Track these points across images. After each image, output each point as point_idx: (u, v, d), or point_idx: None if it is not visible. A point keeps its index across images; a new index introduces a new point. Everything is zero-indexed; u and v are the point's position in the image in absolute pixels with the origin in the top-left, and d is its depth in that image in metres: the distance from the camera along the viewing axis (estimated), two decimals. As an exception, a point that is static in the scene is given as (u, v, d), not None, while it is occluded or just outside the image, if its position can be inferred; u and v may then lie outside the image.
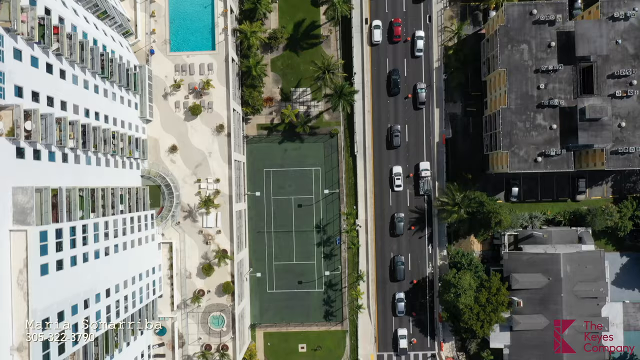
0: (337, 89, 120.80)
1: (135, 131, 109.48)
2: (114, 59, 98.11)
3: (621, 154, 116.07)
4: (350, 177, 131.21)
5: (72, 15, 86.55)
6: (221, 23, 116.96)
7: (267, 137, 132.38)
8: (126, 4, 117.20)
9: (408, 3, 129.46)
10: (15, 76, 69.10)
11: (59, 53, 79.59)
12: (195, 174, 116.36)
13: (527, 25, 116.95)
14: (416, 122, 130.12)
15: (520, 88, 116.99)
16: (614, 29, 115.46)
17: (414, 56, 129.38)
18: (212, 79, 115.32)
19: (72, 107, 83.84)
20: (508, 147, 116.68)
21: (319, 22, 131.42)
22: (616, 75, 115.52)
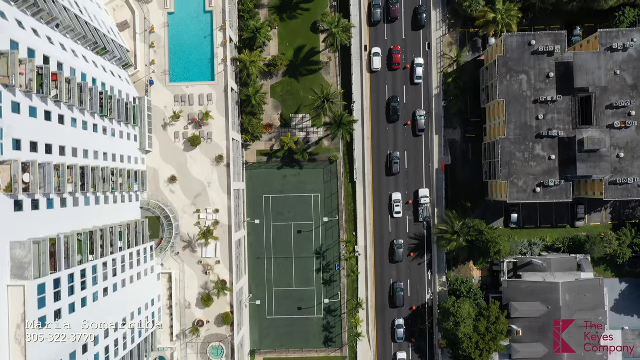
0: (336, 118, 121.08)
1: (135, 163, 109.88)
2: (113, 95, 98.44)
3: (620, 184, 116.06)
4: (349, 203, 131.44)
5: (71, 58, 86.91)
6: (220, 54, 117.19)
7: (266, 163, 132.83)
8: (126, 34, 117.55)
9: (407, 30, 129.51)
10: (14, 130, 69.48)
11: (58, 100, 79.79)
12: (195, 204, 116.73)
13: (526, 55, 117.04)
14: (415, 149, 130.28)
15: (519, 118, 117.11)
16: (613, 59, 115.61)
17: (413, 83, 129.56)
18: (211, 110, 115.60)
19: (70, 151, 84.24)
20: (507, 178, 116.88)
21: (319, 49, 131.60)
22: (615, 106, 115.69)
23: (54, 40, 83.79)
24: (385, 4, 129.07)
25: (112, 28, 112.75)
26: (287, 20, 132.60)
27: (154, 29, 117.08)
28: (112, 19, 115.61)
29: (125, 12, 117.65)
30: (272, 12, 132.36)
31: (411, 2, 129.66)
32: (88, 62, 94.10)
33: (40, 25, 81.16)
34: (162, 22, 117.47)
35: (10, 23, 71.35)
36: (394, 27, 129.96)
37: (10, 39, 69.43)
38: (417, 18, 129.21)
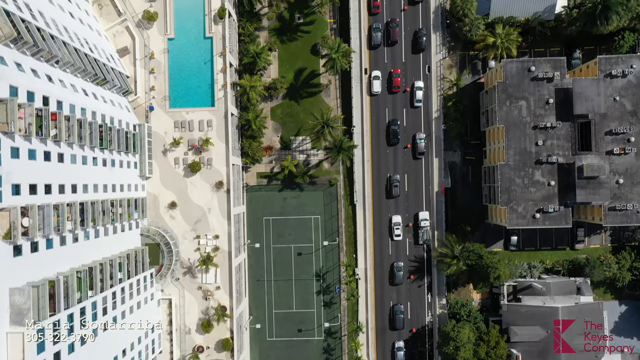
0: (336, 143, 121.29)
1: (135, 190, 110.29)
2: (112, 127, 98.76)
3: (619, 210, 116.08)
4: (349, 225, 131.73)
5: (70, 94, 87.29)
6: (220, 80, 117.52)
7: (266, 185, 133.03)
8: (126, 60, 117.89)
9: (407, 53, 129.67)
10: (13, 176, 69.84)
11: (57, 140, 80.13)
12: (195, 230, 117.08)
13: (525, 81, 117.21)
14: (415, 172, 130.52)
15: (518, 144, 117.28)
16: (612, 85, 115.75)
17: (413, 106, 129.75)
18: (211, 137, 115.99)
19: (70, 188, 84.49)
20: (506, 203, 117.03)
21: (319, 71, 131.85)
22: (614, 132, 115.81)
23: (54, 77, 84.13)
24: (385, 27, 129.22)
25: (112, 55, 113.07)
26: (287, 43, 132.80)
27: (154, 55, 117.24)
28: (112, 45, 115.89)
29: (126, 38, 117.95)
30: (272, 35, 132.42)
31: (411, 26, 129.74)
32: (88, 95, 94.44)
33: (40, 64, 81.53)
34: (162, 48, 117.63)
35: (10, 68, 71.68)
36: (394, 50, 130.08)
37: (10, 85, 69.66)
38: (417, 41, 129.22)
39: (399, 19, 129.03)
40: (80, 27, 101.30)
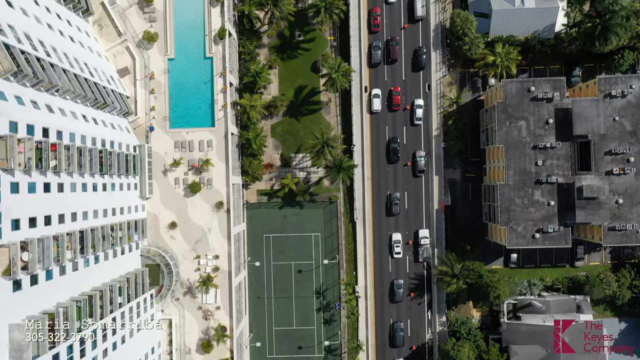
0: (336, 162, 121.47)
1: (135, 212, 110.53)
2: (112, 151, 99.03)
3: (619, 230, 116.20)
4: (349, 243, 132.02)
5: (70, 122, 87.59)
6: (221, 100, 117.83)
7: (267, 202, 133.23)
8: (126, 80, 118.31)
9: (407, 72, 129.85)
10: (13, 212, 70.11)
11: (57, 171, 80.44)
12: (195, 249, 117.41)
13: (525, 101, 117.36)
14: (415, 190, 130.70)
15: (518, 164, 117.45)
16: (611, 106, 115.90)
17: (413, 124, 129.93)
18: (211, 158, 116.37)
19: (70, 217, 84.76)
20: (506, 223, 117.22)
21: (319, 88, 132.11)
22: (613, 152, 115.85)
23: (54, 106, 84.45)
24: (386, 45, 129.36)
25: (113, 76, 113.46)
26: (288, 60, 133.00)
27: (154, 75, 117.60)
28: (112, 66, 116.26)
29: (126, 58, 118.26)
30: (273, 52, 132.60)
31: (411, 44, 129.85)
32: (88, 121, 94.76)
33: (40, 94, 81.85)
34: (163, 68, 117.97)
35: (10, 102, 72.00)
36: (394, 68, 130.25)
37: (9, 121, 69.90)
38: (417, 59, 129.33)
39: (399, 37, 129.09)
40: (80, 50, 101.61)
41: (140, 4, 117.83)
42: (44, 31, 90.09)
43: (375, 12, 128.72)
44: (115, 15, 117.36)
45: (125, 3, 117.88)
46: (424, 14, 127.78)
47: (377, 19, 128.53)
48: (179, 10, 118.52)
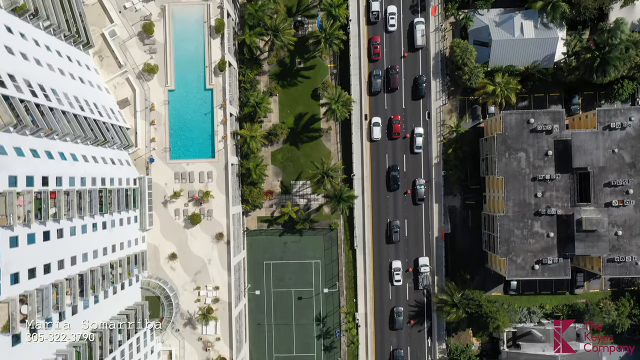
0: (336, 192, 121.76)
1: (135, 244, 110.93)
2: (112, 189, 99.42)
3: (618, 262, 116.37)
4: (350, 270, 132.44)
5: (69, 165, 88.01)
6: (221, 131, 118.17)
7: (267, 229, 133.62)
8: (126, 111, 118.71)
9: (407, 100, 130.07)
10: (12, 266, 70.52)
11: (57, 219, 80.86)
12: (195, 281, 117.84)
13: (524, 133, 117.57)
14: (415, 217, 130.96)
15: (517, 196, 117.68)
16: (611, 138, 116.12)
17: (413, 152, 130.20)
18: (211, 189, 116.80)
19: (69, 261, 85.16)
20: (506, 255, 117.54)
21: (319, 116, 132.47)
22: (613, 184, 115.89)
23: (53, 151, 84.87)
24: (386, 74, 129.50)
25: (113, 108, 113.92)
26: (288, 87, 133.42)
27: (155, 107, 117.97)
28: (112, 98, 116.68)
29: (126, 89, 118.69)
30: (273, 79, 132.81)
31: (411, 72, 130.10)
32: (87, 160, 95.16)
33: (39, 141, 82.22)
34: (163, 99, 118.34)
35: (9, 156, 72.39)
36: (394, 96, 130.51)
37: (9, 175, 70.30)
38: (417, 88, 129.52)
39: (399, 65, 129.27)
40: (80, 87, 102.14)
41: (140, 36, 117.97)
42: (44, 73, 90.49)
43: (375, 40, 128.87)
44: (115, 46, 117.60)
45: (125, 35, 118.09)
46: (423, 43, 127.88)
47: (377, 47, 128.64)
48: (179, 42, 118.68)
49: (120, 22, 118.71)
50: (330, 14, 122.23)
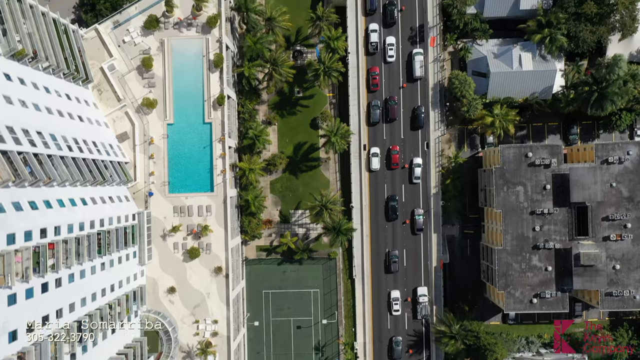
0: (335, 225, 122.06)
1: (134, 279, 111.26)
2: (111, 229, 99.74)
3: (616, 296, 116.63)
4: (348, 299, 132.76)
5: (68, 212, 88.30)
6: (220, 165, 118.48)
7: (266, 258, 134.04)
8: (125, 145, 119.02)
9: (406, 130, 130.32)
10: (10, 324, 70.83)
11: (55, 270, 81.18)
12: (194, 314, 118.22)
13: (522, 167, 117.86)
14: (414, 247, 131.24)
15: (516, 229, 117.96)
16: (608, 172, 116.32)
17: (411, 182, 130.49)
18: (210, 224, 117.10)
19: (68, 308, 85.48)
20: (504, 288, 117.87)
21: (318, 145, 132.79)
22: (611, 218, 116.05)
23: (52, 200, 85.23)
24: (384, 104, 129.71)
25: (112, 143, 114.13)
26: (287, 117, 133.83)
27: (154, 141, 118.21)
28: (111, 132, 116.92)
29: (125, 123, 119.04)
30: (272, 109, 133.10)
31: (409, 103, 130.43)
32: (86, 203, 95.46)
33: (37, 192, 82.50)
34: (162, 133, 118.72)
35: (8, 213, 72.68)
36: (393, 126, 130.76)
37: (7, 234, 70.64)
38: (415, 118, 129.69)
39: (397, 96, 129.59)
40: (79, 125, 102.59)
41: (139, 70, 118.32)
42: (43, 118, 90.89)
43: (374, 71, 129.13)
44: (114, 80, 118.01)
45: (124, 68, 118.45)
46: (422, 74, 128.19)
47: (375, 78, 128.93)
48: (178, 76, 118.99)
49: (120, 56, 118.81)
50: (329, 46, 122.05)
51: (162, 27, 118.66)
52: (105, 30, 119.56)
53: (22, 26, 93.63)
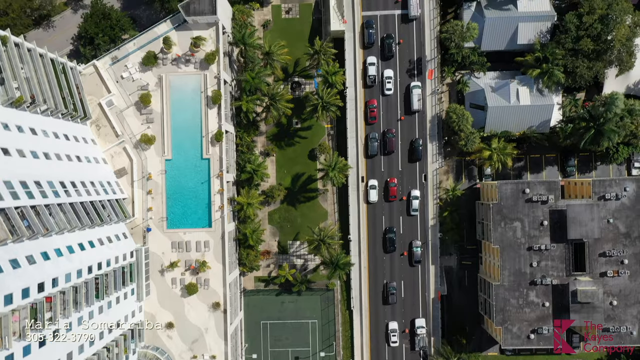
0: (333, 259, 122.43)
1: (132, 317, 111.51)
2: (109, 272, 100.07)
3: (613, 331, 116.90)
4: (346, 330, 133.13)
5: (66, 261, 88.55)
6: (218, 201, 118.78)
7: (264, 289, 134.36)
8: (123, 180, 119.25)
9: (404, 162, 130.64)
10: (7, 383, 71.26)
11: (53, 322, 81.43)
12: (192, 349, 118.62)
13: (520, 203, 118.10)
14: (412, 279, 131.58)
15: (513, 265, 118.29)
16: (606, 208, 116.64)
17: (409, 214, 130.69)
18: (208, 260, 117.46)
19: (66, 357, 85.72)
20: (501, 324, 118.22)
21: (316, 176, 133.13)
22: (608, 254, 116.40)
23: (49, 250, 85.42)
24: (382, 137, 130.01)
25: (110, 180, 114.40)
26: (285, 148, 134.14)
27: (152, 176, 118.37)
28: (110, 167, 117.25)
29: (123, 158, 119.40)
30: (270, 140, 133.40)
31: (407, 135, 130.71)
32: (84, 248, 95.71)
33: (35, 244, 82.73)
34: (160, 169, 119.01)
35: (5, 272, 72.92)
36: (391, 159, 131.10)
37: (4, 295, 70.92)
38: (413, 150, 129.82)
39: (395, 129, 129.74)
40: (77, 167, 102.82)
41: (137, 105, 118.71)
42: (40, 165, 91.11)
43: (371, 104, 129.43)
44: (112, 116, 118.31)
45: (122, 104, 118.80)
46: (420, 107, 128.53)
47: (373, 111, 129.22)
48: (176, 111, 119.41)
49: (118, 91, 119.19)
50: (327, 80, 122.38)
51: (161, 63, 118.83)
52: (103, 66, 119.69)
53: (20, 72, 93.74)
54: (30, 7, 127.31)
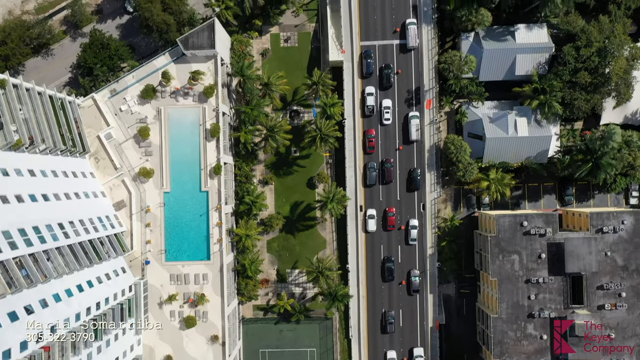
0: (331, 291, 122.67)
1: (130, 352, 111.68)
2: (107, 312, 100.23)
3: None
4: (345, 359, 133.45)
5: (64, 305, 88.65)
6: (216, 234, 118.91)
7: (263, 318, 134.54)
8: (122, 213, 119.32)
9: (402, 192, 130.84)
10: None
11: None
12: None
13: (517, 235, 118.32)
14: (410, 308, 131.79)
15: (511, 297, 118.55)
16: (603, 241, 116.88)
17: (407, 244, 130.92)
18: (206, 293, 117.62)
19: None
20: (499, 356, 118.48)
21: (314, 205, 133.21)
22: (605, 287, 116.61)
23: (47, 297, 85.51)
24: (380, 166, 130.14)
25: (108, 214, 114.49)
26: (284, 176, 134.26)
27: (150, 209, 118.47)
28: (108, 200, 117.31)
29: (122, 191, 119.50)
30: (269, 168, 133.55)
31: (406, 165, 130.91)
32: (82, 289, 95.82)
33: (33, 292, 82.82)
34: (158, 202, 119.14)
35: (3, 327, 73.04)
36: (389, 188, 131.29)
37: (2, 352, 71.01)
38: (411, 180, 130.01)
39: (393, 158, 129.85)
40: (75, 205, 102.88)
41: (136, 138, 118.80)
42: (39, 208, 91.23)
43: (370, 134, 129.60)
44: (111, 149, 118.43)
45: (121, 137, 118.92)
46: (418, 137, 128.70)
47: (372, 140, 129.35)
48: (174, 144, 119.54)
49: (116, 124, 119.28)
50: (325, 112, 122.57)
51: (159, 96, 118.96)
52: (102, 98, 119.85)
53: (19, 114, 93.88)
54: (29, 36, 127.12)
